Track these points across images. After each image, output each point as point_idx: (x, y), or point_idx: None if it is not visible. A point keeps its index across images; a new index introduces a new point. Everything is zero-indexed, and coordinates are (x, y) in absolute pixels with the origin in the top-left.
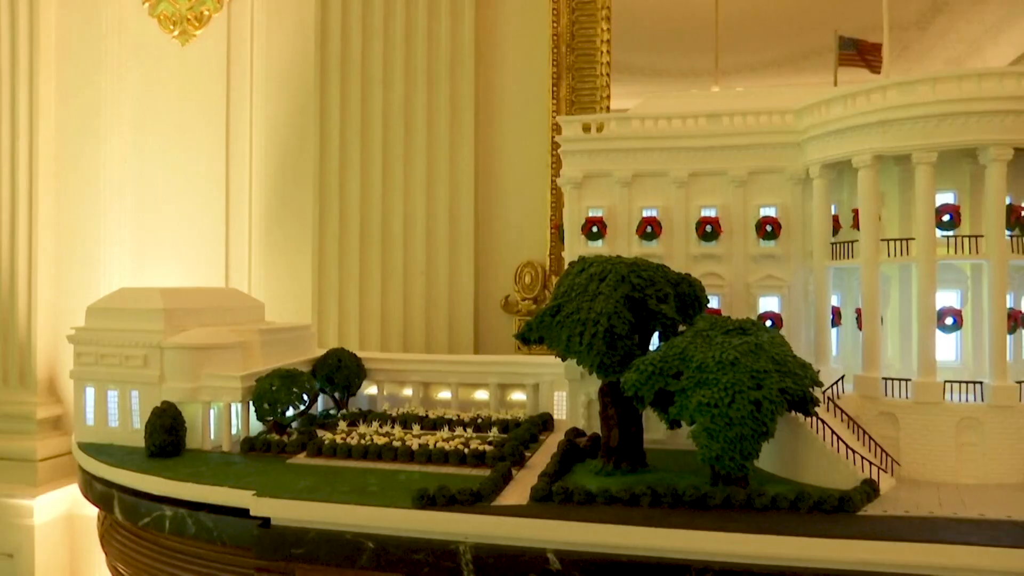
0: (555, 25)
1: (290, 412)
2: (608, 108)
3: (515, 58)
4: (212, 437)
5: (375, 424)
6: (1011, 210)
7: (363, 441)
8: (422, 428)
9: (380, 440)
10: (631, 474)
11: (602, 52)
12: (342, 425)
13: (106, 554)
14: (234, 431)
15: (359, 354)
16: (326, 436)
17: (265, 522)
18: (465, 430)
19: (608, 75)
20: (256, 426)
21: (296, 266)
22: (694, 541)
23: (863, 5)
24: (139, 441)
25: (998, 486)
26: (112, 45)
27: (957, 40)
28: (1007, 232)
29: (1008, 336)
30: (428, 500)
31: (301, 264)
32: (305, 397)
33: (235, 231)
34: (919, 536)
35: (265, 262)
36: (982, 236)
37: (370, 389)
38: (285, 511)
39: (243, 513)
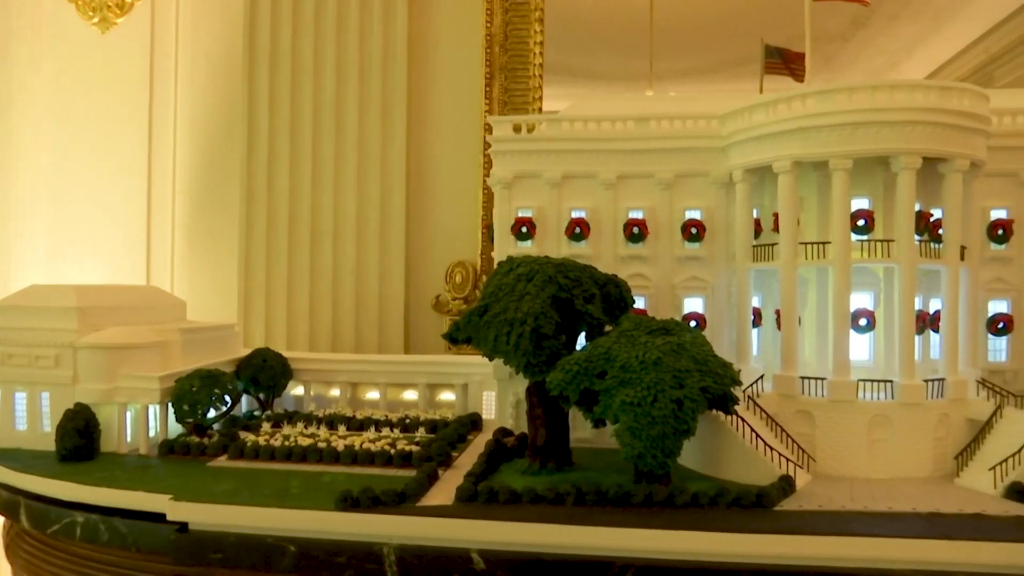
0: (488, 25)
1: (211, 414)
2: (541, 109)
3: (448, 57)
4: (128, 440)
5: (300, 425)
6: (920, 216)
7: (287, 443)
8: (348, 429)
9: (305, 441)
10: (557, 473)
11: (535, 53)
12: (266, 426)
13: (12, 565)
14: (152, 433)
15: (285, 354)
16: (249, 438)
17: (183, 527)
18: (392, 431)
19: (541, 76)
20: (175, 428)
21: (222, 264)
22: (616, 538)
23: (792, 16)
24: (49, 445)
25: (906, 480)
26: (25, 31)
27: (876, 53)
28: (916, 237)
29: (916, 337)
30: (351, 502)
31: (227, 262)
32: (227, 398)
33: (158, 227)
34: (831, 530)
35: (189, 259)
36: (893, 241)
37: (296, 390)
38: (203, 515)
39: (160, 518)
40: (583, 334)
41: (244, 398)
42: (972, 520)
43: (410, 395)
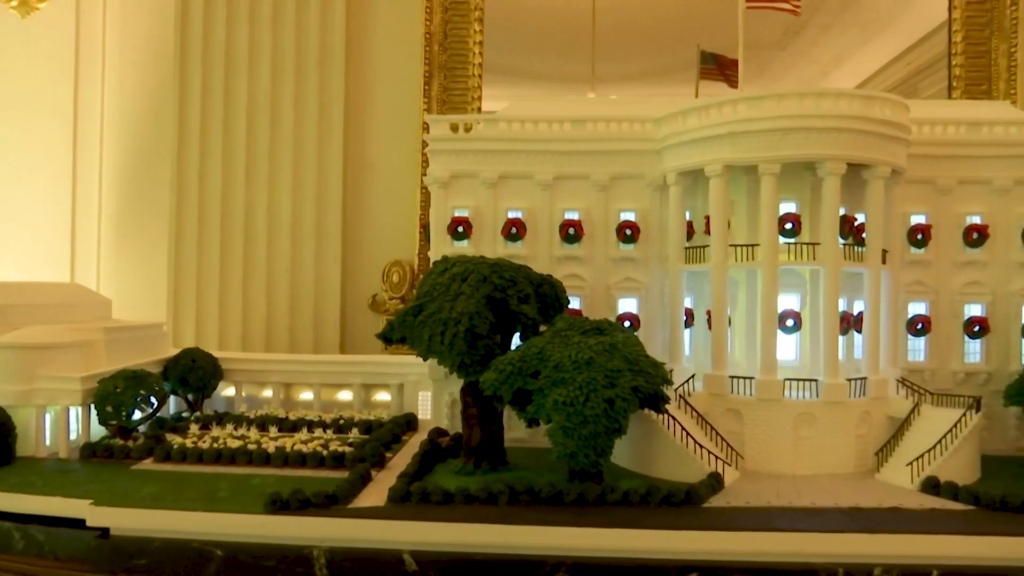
0: (428, 23)
1: (137, 415)
2: (480, 109)
3: (387, 54)
4: (47, 443)
5: (230, 427)
6: (845, 220)
7: (216, 445)
8: (280, 430)
9: (234, 443)
10: (491, 473)
11: (474, 53)
12: (194, 428)
13: None
14: (72, 436)
15: (216, 354)
16: (176, 440)
17: (104, 533)
18: (325, 432)
19: (480, 76)
20: (98, 431)
21: (151, 262)
22: (547, 537)
23: (732, 24)
24: None
25: (830, 476)
26: None
27: (810, 62)
28: (841, 240)
29: (840, 337)
30: (281, 504)
31: (157, 260)
32: (153, 399)
33: (83, 224)
34: (756, 525)
35: (116, 257)
36: (819, 244)
37: (227, 390)
38: (126, 520)
39: (79, 524)
40: (518, 334)
41: (172, 399)
42: (890, 513)
43: (345, 395)
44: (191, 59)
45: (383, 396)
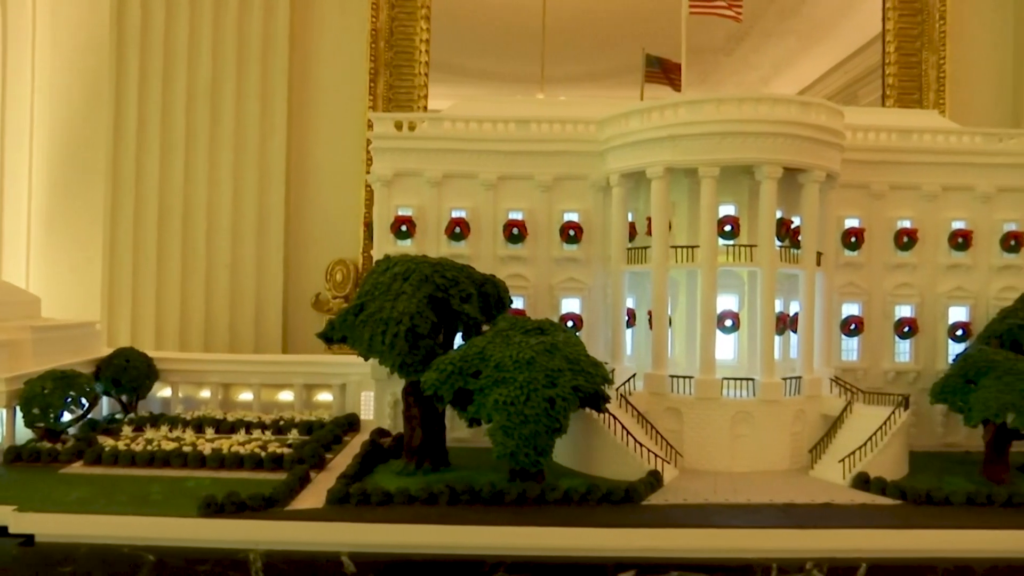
0: (374, 20)
1: (66, 417)
2: (426, 107)
3: (332, 50)
4: None
5: (165, 428)
6: (781, 223)
7: (150, 447)
8: (218, 432)
9: (169, 445)
10: (433, 473)
11: (421, 51)
12: (127, 430)
13: None
14: None
15: (152, 354)
16: (107, 443)
17: (28, 540)
18: (264, 433)
19: (427, 74)
20: (25, 434)
21: (85, 259)
22: (487, 537)
23: (679, 28)
24: None
25: (766, 473)
26: None
27: (752, 68)
28: (777, 242)
29: (777, 337)
30: (215, 507)
31: (91, 257)
32: (84, 401)
33: (10, 219)
34: (693, 522)
35: (47, 253)
36: (756, 246)
37: (163, 391)
38: (52, 526)
39: (2, 531)
40: (460, 334)
41: (105, 401)
42: (822, 509)
43: (286, 396)
44: (128, 49)
45: (325, 396)
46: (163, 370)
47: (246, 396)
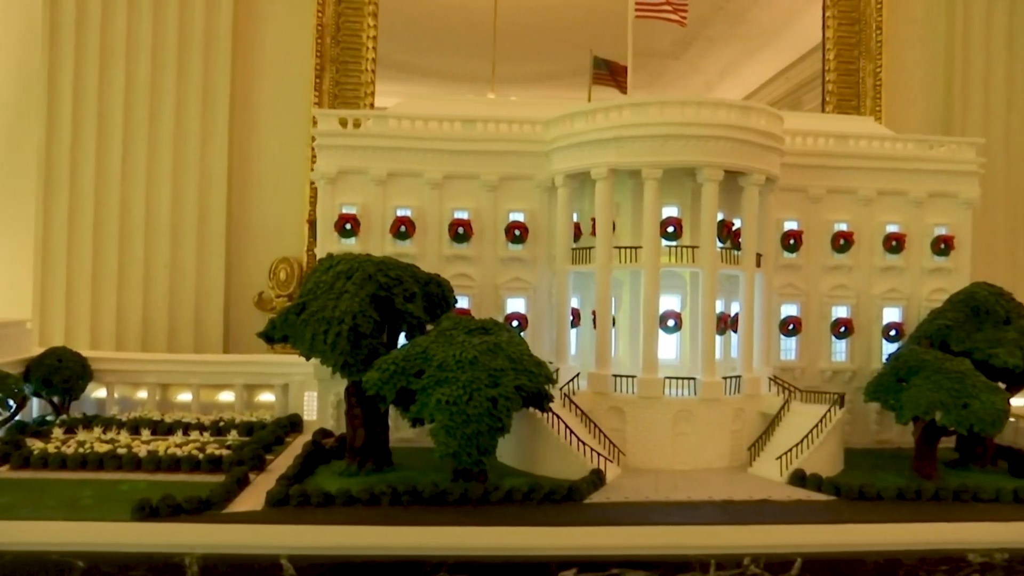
0: (320, 16)
1: None
2: (373, 105)
3: (276, 46)
4: None
5: (98, 430)
6: (723, 225)
7: (82, 450)
8: (154, 434)
9: (102, 448)
10: (375, 473)
11: (368, 48)
12: (58, 433)
13: None
14: None
15: (86, 353)
16: (36, 445)
17: None
18: (203, 434)
19: (374, 71)
20: None
21: (15, 255)
22: (428, 537)
23: (641, 29)
24: None
25: (706, 470)
26: None
27: (699, 73)
28: (719, 244)
29: (718, 337)
30: (150, 510)
31: (22, 254)
32: (11, 402)
33: None
34: (633, 520)
35: None
36: (698, 247)
37: (98, 392)
38: None
39: None
40: (404, 333)
41: (35, 402)
42: (759, 506)
43: (226, 397)
44: (62, 41)
45: (267, 397)
46: (98, 370)
47: (185, 397)
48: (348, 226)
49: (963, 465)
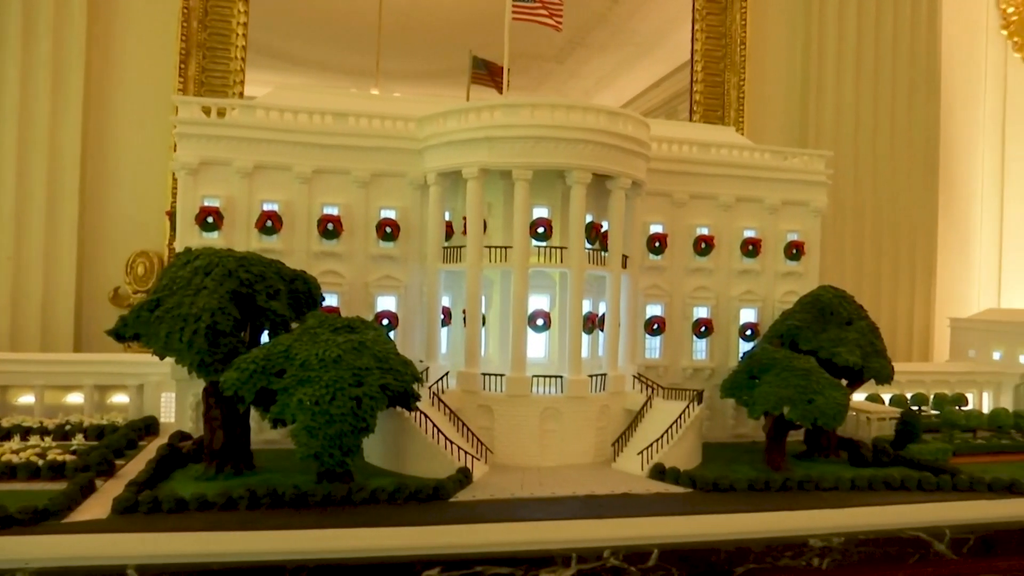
0: None
1: None
2: (243, 93)
3: (139, 26)
4: None
5: None
6: (591, 227)
7: None
8: None
9: None
10: (235, 477)
11: (238, 34)
12: None
13: None
14: None
15: None
16: None
17: None
18: (44, 439)
19: (243, 59)
20: None
21: None
22: (287, 541)
23: (516, 32)
24: None
25: (572, 467)
26: None
27: (583, 78)
28: (588, 245)
29: (586, 336)
30: None
31: None
32: None
33: None
34: (497, 517)
35: None
36: (566, 248)
37: None
38: None
39: None
40: (267, 332)
41: None
42: (621, 499)
43: (75, 398)
44: None
45: (121, 399)
46: None
47: (27, 399)
48: (210, 219)
49: (810, 456)
